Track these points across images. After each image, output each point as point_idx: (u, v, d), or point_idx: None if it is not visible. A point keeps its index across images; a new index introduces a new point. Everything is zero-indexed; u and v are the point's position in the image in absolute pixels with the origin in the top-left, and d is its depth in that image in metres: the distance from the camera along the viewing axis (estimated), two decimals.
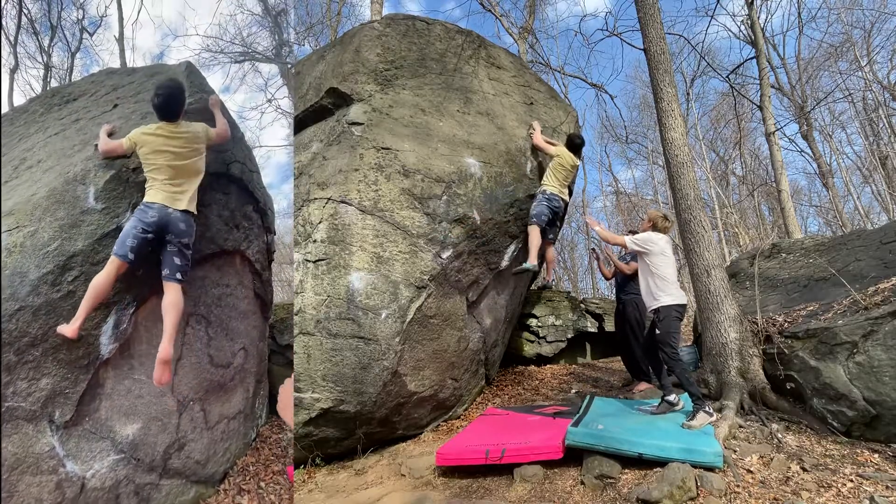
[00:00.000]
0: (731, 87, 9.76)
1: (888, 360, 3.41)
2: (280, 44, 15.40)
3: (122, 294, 3.47)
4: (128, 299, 3.53)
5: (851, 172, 18.86)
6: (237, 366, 4.50)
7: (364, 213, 4.38)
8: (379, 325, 4.11)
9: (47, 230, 3.26)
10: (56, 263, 3.20)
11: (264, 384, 5.24)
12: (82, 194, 3.43)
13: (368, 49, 5.52)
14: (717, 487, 2.92)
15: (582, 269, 22.93)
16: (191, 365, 3.99)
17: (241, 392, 4.59)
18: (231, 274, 4.52)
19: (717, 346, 4.49)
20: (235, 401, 4.49)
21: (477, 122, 5.44)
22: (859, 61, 14.93)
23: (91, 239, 3.34)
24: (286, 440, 4.97)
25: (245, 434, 4.66)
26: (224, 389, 4.34)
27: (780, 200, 10.85)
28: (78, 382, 3.31)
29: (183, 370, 3.92)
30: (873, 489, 2.80)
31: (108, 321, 3.44)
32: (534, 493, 3.28)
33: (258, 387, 4.98)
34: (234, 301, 4.52)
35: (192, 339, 4.05)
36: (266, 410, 5.27)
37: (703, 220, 4.90)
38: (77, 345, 3.24)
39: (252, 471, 4.40)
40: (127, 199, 3.57)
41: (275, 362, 5.60)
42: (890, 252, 4.83)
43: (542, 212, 5.29)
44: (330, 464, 4.41)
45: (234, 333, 4.49)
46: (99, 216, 3.42)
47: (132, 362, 3.64)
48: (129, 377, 3.62)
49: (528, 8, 13.54)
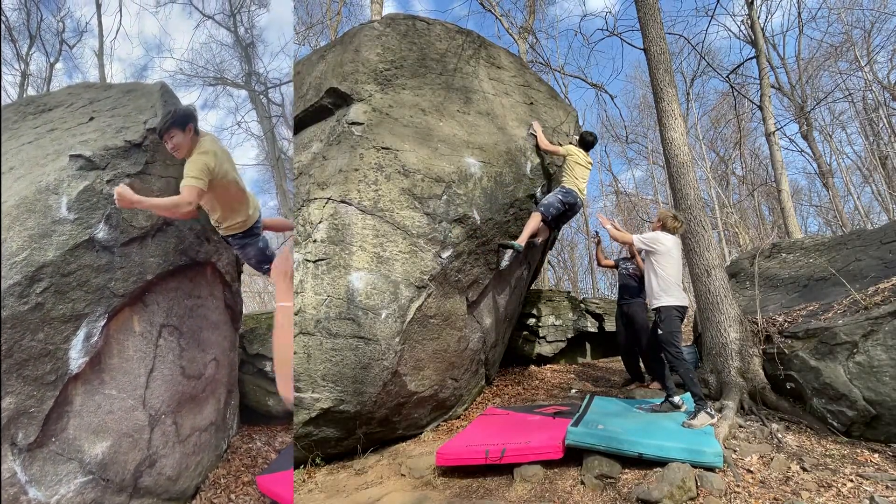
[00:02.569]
0: (731, 87, 9.75)
1: (888, 360, 3.41)
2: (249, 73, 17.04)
3: (93, 306, 3.38)
4: (99, 311, 3.43)
5: (851, 172, 18.88)
6: (209, 376, 4.49)
7: (364, 213, 4.38)
8: (379, 325, 4.11)
9: (16, 240, 3.14)
10: (24, 274, 3.07)
11: (235, 394, 5.26)
12: (54, 204, 3.35)
13: (368, 49, 5.52)
14: (717, 487, 2.92)
15: (582, 269, 22.94)
16: (163, 377, 3.94)
17: (213, 403, 4.58)
18: (203, 285, 4.58)
19: (717, 346, 4.49)
20: (207, 412, 4.46)
21: (477, 122, 5.44)
22: (859, 61, 14.92)
23: (62, 249, 3.25)
24: (256, 449, 4.99)
25: (217, 446, 4.63)
26: (196, 401, 4.31)
27: (780, 200, 10.86)
28: (44, 400, 3.13)
29: (155, 383, 3.86)
30: (873, 489, 2.80)
31: (78, 334, 3.31)
32: (534, 493, 3.28)
33: (229, 397, 4.98)
34: (205, 312, 4.56)
35: (165, 350, 4.01)
36: (237, 420, 5.28)
37: (703, 220, 4.90)
38: (44, 360, 3.10)
39: (223, 483, 4.40)
40: (101, 209, 3.52)
41: (245, 371, 5.68)
42: (890, 252, 4.83)
43: (552, 203, 5.20)
44: (330, 464, 4.41)
45: (206, 344, 4.50)
46: (71, 226, 3.35)
47: (103, 376, 3.52)
48: (100, 392, 3.49)
49: (528, 8, 13.54)
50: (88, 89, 4.99)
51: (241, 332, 5.61)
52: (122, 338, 3.63)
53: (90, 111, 4.46)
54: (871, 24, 15.09)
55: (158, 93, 4.51)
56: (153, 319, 3.98)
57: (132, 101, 4.53)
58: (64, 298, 3.28)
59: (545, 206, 5.19)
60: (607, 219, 4.82)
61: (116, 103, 4.49)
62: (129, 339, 3.65)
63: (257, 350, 5.73)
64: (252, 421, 5.59)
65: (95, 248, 3.49)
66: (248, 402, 5.60)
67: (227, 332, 4.96)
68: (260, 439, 5.25)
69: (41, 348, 3.17)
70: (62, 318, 3.26)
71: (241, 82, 17.27)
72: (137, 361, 3.79)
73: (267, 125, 17.33)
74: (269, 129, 17.26)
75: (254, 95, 17.15)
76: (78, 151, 3.65)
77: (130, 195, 2.72)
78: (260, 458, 4.88)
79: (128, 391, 3.68)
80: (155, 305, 4.01)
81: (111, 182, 3.58)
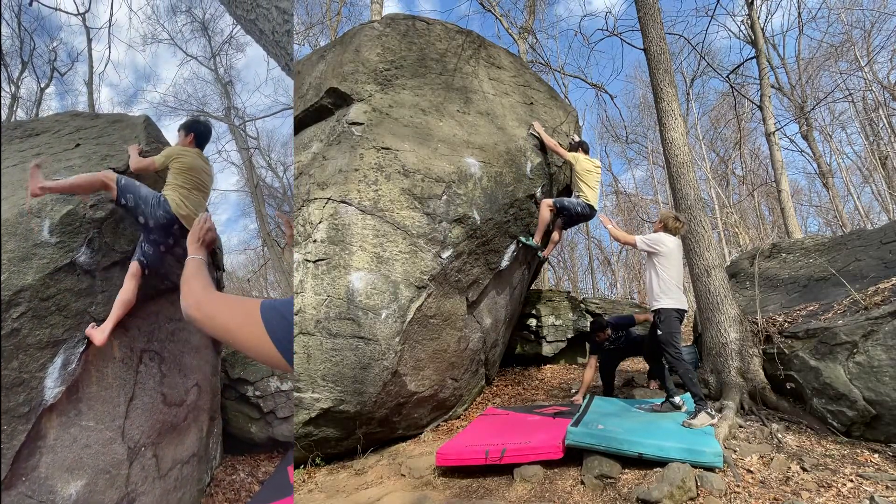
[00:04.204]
0: (731, 87, 9.76)
1: (888, 360, 3.41)
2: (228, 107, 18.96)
3: (72, 331, 3.28)
4: (78, 336, 3.32)
5: (851, 172, 18.88)
6: (190, 403, 4.34)
7: (364, 213, 4.38)
8: (379, 325, 4.11)
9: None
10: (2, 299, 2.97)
11: (217, 421, 5.11)
12: (36, 227, 3.30)
13: (368, 49, 5.52)
14: (717, 487, 2.92)
15: (582, 269, 22.94)
16: (143, 406, 3.79)
17: (195, 432, 4.43)
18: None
19: (717, 346, 4.49)
20: (189, 442, 4.30)
21: (477, 122, 5.44)
22: (859, 61, 14.92)
23: (42, 273, 3.18)
24: (239, 482, 4.84)
25: (199, 479, 4.44)
26: (177, 430, 4.15)
27: (780, 200, 10.86)
28: (15, 435, 2.90)
29: (135, 412, 3.70)
30: (873, 489, 2.80)
31: (55, 361, 3.16)
32: (534, 493, 3.28)
33: (211, 424, 4.83)
34: (186, 335, 4.45)
35: (146, 376, 3.88)
36: (220, 450, 5.12)
37: (703, 220, 4.90)
38: (17, 390, 2.90)
39: None
40: (83, 233, 3.49)
41: (227, 396, 5.57)
42: (890, 252, 4.83)
43: (568, 207, 5.47)
44: (330, 464, 4.41)
45: (188, 369, 4.39)
46: (53, 250, 3.30)
47: (80, 406, 3.34)
48: (76, 424, 3.29)
49: (528, 8, 13.54)
50: (76, 117, 5.02)
51: (222, 355, 5.51)
52: (101, 364, 3.48)
53: (76, 138, 4.48)
54: (871, 24, 15.10)
55: (142, 125, 4.63)
56: (133, 345, 3.87)
57: (117, 132, 4.57)
58: (42, 323, 3.19)
59: (560, 203, 5.42)
60: (608, 219, 4.83)
61: (102, 132, 4.53)
62: (109, 366, 3.50)
63: (239, 374, 5.61)
64: (235, 450, 5.44)
65: (76, 272, 3.42)
66: (230, 430, 5.44)
67: (208, 356, 4.83)
68: (244, 470, 5.12)
69: (14, 377, 3.00)
70: (38, 344, 3.15)
71: (222, 115, 18.82)
72: (117, 389, 3.63)
73: (245, 155, 18.95)
74: (247, 158, 18.91)
75: (233, 128, 18.81)
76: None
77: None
78: (244, 492, 4.71)
79: (106, 422, 3.51)
80: (136, 330, 3.90)
81: (94, 207, 3.57)
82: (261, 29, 2.50)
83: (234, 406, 5.57)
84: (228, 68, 19.93)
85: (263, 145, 19.68)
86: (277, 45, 2.45)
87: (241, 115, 19.31)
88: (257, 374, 5.60)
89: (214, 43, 18.44)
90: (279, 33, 2.39)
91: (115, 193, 3.42)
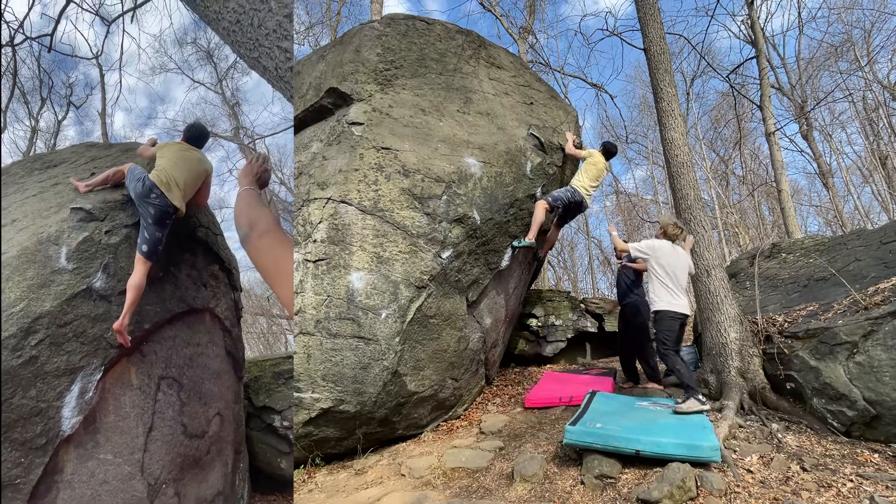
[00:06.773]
0: (731, 86, 9.77)
1: (888, 360, 3.41)
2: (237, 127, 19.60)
3: (89, 357, 3.24)
4: (95, 363, 3.28)
5: (851, 172, 18.89)
6: (213, 434, 4.14)
7: (364, 213, 4.38)
8: (379, 325, 4.11)
9: (14, 290, 3.08)
10: (20, 326, 2.98)
11: (244, 455, 4.81)
12: (54, 254, 3.35)
13: (368, 49, 5.51)
14: (717, 487, 2.92)
15: (582, 269, 22.95)
16: (163, 438, 3.64)
17: (220, 467, 4.21)
18: (202, 332, 4.42)
19: (717, 346, 4.49)
20: (213, 479, 4.08)
21: (477, 122, 5.44)
22: (859, 61, 14.92)
23: (60, 300, 3.21)
24: None
25: None
26: (200, 465, 3.95)
27: (780, 200, 10.86)
28: (32, 469, 2.81)
29: (154, 444, 3.57)
30: (873, 489, 2.80)
31: (72, 389, 3.11)
32: (534, 494, 3.28)
33: (237, 459, 4.58)
34: (205, 360, 4.34)
35: (164, 405, 3.73)
36: (248, 488, 4.75)
37: (703, 220, 4.91)
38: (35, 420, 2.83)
39: None
40: (99, 259, 3.53)
41: (252, 427, 5.17)
42: (890, 252, 4.83)
43: (560, 197, 5.45)
44: (330, 464, 4.41)
45: (208, 397, 4.24)
46: (70, 276, 3.34)
47: (97, 438, 3.26)
48: (94, 457, 3.21)
49: (528, 8, 13.54)
50: (91, 148, 5.14)
51: (244, 381, 5.18)
52: (118, 392, 3.43)
53: (92, 167, 4.56)
54: (871, 24, 15.11)
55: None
56: (151, 371, 3.79)
57: (129, 160, 4.64)
58: (59, 350, 3.17)
59: (553, 197, 5.42)
60: (613, 227, 5.19)
61: (115, 161, 4.62)
62: (127, 394, 3.44)
63: (264, 402, 5.22)
64: (264, 487, 5.01)
65: (93, 298, 3.44)
66: (257, 464, 5.07)
67: (230, 381, 4.69)
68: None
69: (32, 406, 2.97)
70: (56, 371, 3.12)
71: (231, 135, 19.57)
72: (135, 419, 3.54)
73: None
74: None
75: (242, 146, 19.41)
76: (79, 204, 3.71)
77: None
78: None
79: (125, 455, 3.40)
80: (153, 355, 3.85)
81: (109, 233, 3.64)
82: (264, 66, 2.56)
83: (261, 438, 5.20)
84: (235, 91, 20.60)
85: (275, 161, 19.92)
86: (281, 80, 2.50)
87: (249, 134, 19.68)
88: (284, 401, 5.22)
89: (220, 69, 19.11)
90: (282, 69, 2.44)
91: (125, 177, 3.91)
